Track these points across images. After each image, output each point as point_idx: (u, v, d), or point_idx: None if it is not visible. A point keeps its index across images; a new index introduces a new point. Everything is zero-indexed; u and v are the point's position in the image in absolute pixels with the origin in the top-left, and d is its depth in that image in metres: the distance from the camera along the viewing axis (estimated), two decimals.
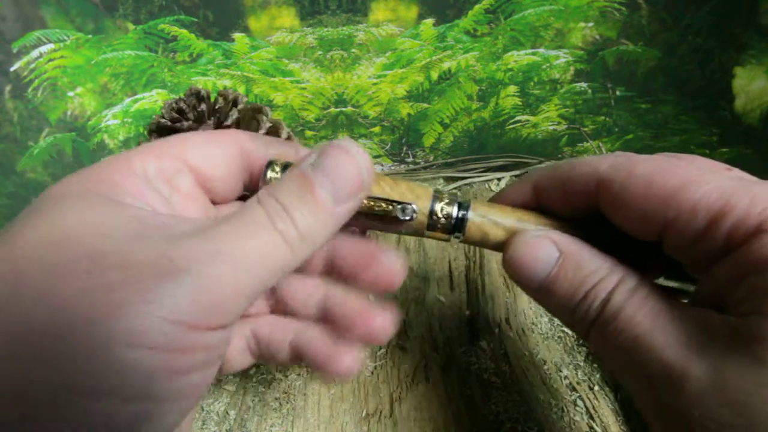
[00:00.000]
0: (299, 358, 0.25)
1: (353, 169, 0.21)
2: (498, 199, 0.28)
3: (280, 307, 0.26)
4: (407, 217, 0.24)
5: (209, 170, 0.24)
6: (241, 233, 0.19)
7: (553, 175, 0.26)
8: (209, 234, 0.19)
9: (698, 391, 0.19)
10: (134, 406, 0.17)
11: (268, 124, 0.46)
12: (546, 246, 0.24)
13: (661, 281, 0.25)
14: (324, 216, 0.20)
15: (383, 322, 0.24)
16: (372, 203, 0.24)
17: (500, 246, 0.26)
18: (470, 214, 0.25)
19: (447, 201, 0.25)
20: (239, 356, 0.26)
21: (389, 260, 0.24)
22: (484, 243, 0.26)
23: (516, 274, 0.24)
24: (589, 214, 0.25)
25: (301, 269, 0.25)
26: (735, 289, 0.20)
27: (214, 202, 0.25)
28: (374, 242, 0.25)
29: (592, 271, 0.23)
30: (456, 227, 0.25)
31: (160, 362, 0.17)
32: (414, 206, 0.25)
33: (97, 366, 0.16)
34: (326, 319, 0.25)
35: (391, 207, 0.24)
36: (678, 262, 0.23)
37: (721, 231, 0.20)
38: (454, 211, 0.25)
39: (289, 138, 0.38)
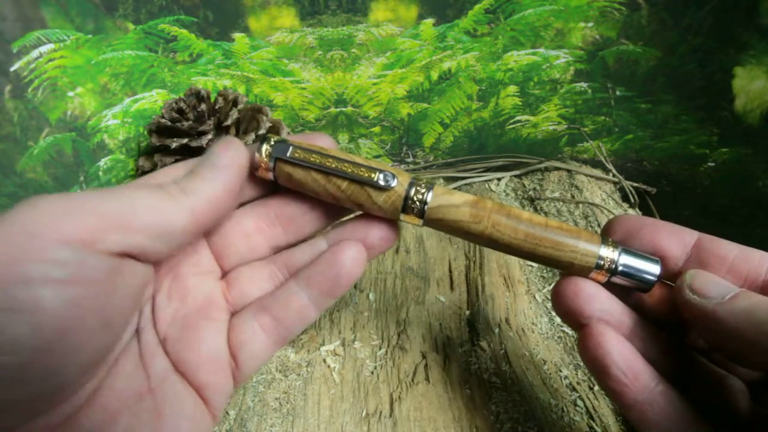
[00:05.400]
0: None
1: (224, 146, 0.26)
2: None
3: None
4: (389, 183, 0.25)
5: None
6: (128, 186, 0.23)
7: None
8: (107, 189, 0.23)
9: None
10: None
11: (268, 124, 0.46)
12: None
13: None
14: (205, 178, 0.25)
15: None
16: (354, 169, 0.25)
17: (460, 223, 0.26)
18: (431, 194, 0.26)
19: (424, 187, 0.26)
20: (252, 338, 0.28)
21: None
22: (446, 216, 0.26)
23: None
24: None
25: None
26: None
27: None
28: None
29: None
30: (424, 209, 0.26)
31: None
32: (393, 173, 0.26)
33: None
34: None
35: (373, 175, 0.25)
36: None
37: None
38: (427, 195, 0.26)
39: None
